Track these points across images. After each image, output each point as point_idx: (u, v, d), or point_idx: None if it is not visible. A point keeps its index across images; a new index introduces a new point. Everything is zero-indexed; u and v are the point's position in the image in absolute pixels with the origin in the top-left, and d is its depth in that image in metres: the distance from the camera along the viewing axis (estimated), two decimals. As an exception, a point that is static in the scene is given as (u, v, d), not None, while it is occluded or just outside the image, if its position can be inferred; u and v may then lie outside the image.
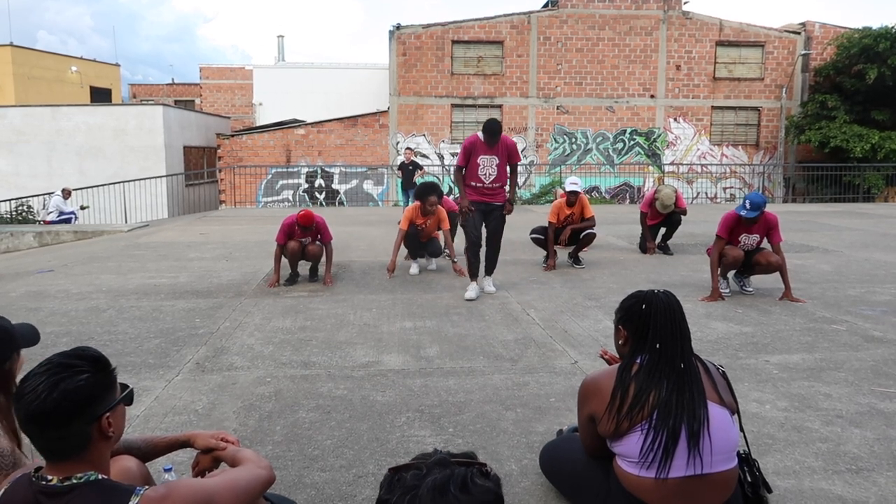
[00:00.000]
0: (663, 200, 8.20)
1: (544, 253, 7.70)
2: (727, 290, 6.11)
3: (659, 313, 2.20)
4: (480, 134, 5.91)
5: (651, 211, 8.39)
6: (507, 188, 6.09)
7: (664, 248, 8.57)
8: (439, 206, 7.31)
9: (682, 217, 8.50)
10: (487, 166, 5.92)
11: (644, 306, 2.23)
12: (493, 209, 6.07)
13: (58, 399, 1.46)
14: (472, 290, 6.05)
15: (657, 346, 2.17)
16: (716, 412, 2.13)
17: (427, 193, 7.18)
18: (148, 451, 2.02)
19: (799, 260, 7.81)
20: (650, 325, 2.19)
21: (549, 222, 7.51)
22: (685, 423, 2.06)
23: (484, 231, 6.21)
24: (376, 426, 3.23)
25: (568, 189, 7.53)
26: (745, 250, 5.94)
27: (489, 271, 6.31)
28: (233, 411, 3.44)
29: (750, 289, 6.19)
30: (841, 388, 3.70)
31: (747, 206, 5.74)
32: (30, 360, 1.83)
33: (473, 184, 5.98)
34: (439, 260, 7.65)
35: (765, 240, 5.95)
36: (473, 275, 6.14)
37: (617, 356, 2.46)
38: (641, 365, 2.17)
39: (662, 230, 8.60)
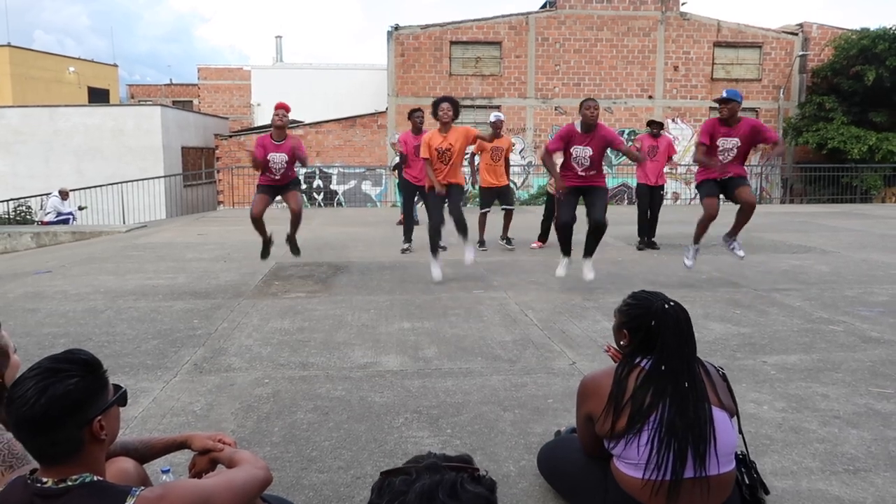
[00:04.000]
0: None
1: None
2: (690, 263, 6.37)
3: (668, 331, 2.14)
4: (577, 124, 6.04)
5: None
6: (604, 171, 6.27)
7: (651, 244, 8.74)
8: (458, 125, 6.56)
9: (663, 195, 9.14)
10: (581, 157, 6.00)
11: (653, 323, 2.16)
12: (593, 190, 6.09)
13: (46, 405, 1.45)
14: (562, 268, 6.22)
15: (662, 367, 2.13)
16: (716, 416, 2.12)
17: (439, 101, 6.47)
18: (145, 453, 2.02)
19: (797, 260, 7.82)
20: (657, 342, 2.15)
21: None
22: (691, 445, 2.05)
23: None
24: (374, 427, 3.22)
25: None
26: (724, 159, 6.03)
27: (589, 252, 6.25)
28: (231, 412, 3.43)
29: (740, 252, 6.34)
30: (838, 389, 3.71)
31: (724, 94, 5.95)
32: (27, 361, 1.83)
33: (567, 171, 6.11)
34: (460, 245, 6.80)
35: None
36: (565, 252, 6.24)
37: (619, 353, 2.44)
38: (642, 372, 2.15)
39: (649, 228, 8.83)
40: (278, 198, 6.91)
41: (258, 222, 6.69)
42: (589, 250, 6.29)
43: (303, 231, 6.82)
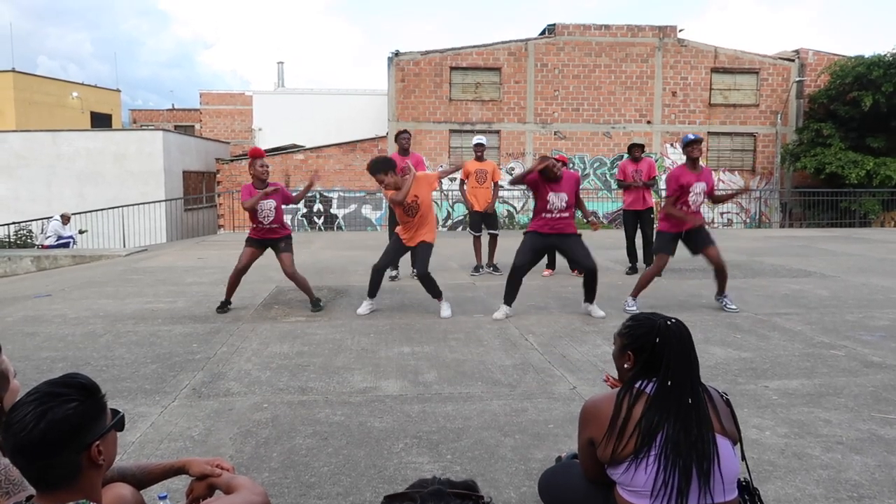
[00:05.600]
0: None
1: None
2: (734, 308, 6.37)
3: (672, 349, 2.13)
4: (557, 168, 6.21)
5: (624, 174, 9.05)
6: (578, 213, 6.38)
7: None
8: (413, 172, 6.41)
9: (653, 218, 9.01)
10: (556, 201, 6.14)
11: (658, 340, 2.15)
12: (565, 238, 6.19)
13: (45, 429, 1.44)
14: (500, 312, 6.26)
15: (668, 383, 2.11)
16: (718, 443, 2.10)
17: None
18: (142, 478, 2.00)
19: (797, 285, 7.81)
20: (662, 360, 2.13)
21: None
22: (695, 462, 2.03)
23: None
24: (374, 453, 3.20)
25: None
26: (695, 201, 6.26)
27: (590, 298, 6.36)
28: (229, 437, 3.41)
29: (733, 306, 6.35)
30: (841, 414, 3.68)
31: (690, 136, 6.25)
32: (25, 385, 1.82)
33: (544, 215, 6.18)
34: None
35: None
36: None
37: (619, 382, 2.42)
38: (648, 396, 2.13)
39: (640, 252, 8.87)
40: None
41: (237, 279, 6.55)
42: (589, 297, 6.36)
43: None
